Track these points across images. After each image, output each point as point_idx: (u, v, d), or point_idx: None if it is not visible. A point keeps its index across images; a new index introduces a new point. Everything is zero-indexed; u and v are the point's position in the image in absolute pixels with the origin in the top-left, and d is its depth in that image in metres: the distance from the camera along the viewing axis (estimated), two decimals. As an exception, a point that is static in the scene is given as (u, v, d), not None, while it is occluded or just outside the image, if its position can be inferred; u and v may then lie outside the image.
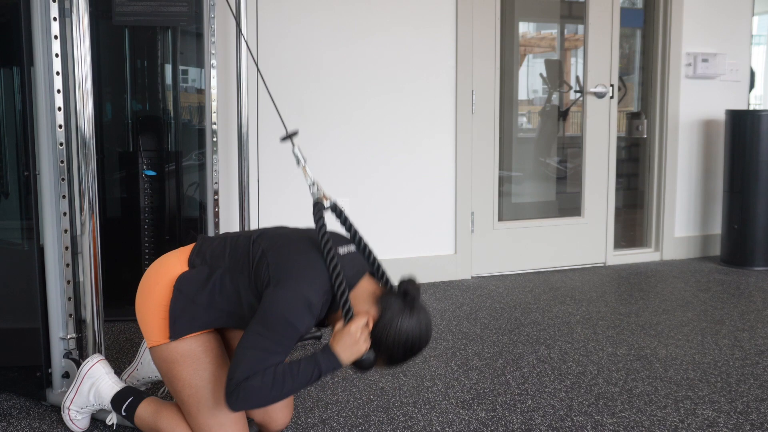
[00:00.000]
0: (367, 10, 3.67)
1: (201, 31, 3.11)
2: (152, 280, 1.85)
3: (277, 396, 1.65)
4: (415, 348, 1.72)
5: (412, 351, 1.71)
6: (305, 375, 1.66)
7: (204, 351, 1.81)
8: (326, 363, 1.67)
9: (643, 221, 4.59)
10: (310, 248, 1.76)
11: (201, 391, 1.78)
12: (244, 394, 1.63)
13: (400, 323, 1.68)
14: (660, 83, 4.40)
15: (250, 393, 1.63)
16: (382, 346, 1.69)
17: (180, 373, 1.79)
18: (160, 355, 1.81)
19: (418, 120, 3.82)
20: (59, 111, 2.12)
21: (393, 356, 1.71)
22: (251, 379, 1.63)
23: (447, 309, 3.38)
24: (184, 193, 3.30)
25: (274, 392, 1.64)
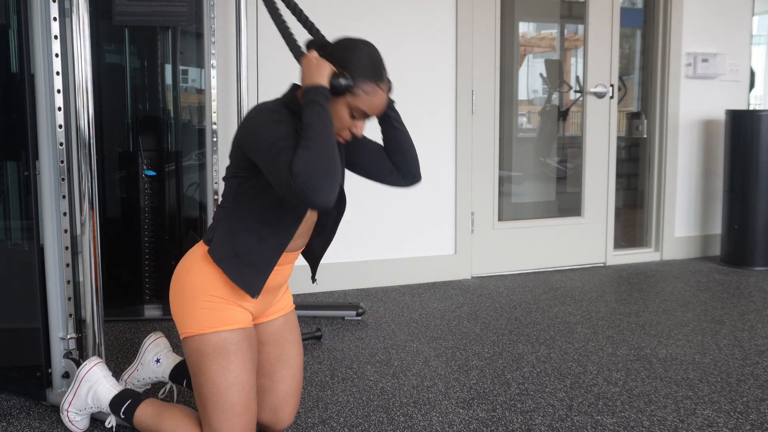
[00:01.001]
0: (367, 10, 3.67)
1: (201, 31, 3.11)
2: (183, 270, 1.86)
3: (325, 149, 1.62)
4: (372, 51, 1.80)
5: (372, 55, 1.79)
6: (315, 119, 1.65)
7: (235, 351, 1.81)
8: (313, 94, 1.69)
9: (643, 221, 4.59)
10: None
11: (221, 392, 1.79)
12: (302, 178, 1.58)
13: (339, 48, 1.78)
14: (660, 83, 4.40)
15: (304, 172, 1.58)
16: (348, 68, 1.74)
17: (207, 368, 1.79)
18: (193, 346, 1.81)
19: (418, 120, 3.82)
20: (59, 111, 2.12)
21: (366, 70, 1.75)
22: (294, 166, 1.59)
23: (447, 309, 3.38)
24: (184, 193, 3.30)
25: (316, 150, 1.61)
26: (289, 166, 1.60)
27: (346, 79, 1.73)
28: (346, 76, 1.73)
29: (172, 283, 1.89)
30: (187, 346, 1.83)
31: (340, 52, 1.77)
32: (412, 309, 3.37)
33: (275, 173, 1.63)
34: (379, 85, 1.78)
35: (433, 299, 3.55)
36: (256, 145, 1.69)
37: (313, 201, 1.61)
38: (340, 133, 1.81)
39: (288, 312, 2.06)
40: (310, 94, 1.69)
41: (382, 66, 1.81)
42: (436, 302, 3.49)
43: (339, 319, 3.20)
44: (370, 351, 2.78)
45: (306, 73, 1.74)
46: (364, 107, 1.77)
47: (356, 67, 1.74)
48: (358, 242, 3.75)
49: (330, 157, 1.63)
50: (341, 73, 1.73)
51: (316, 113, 1.66)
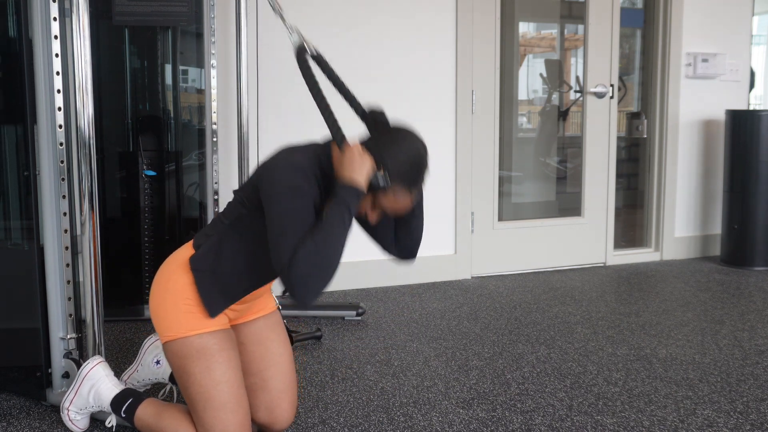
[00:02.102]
0: (367, 10, 3.67)
1: (201, 31, 3.11)
2: (165, 273, 1.86)
3: (330, 256, 1.61)
4: (417, 155, 1.71)
5: (416, 160, 1.71)
6: (337, 219, 1.63)
7: (218, 349, 1.81)
8: (346, 194, 1.65)
9: (643, 221, 4.59)
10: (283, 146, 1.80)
11: (209, 391, 1.78)
12: (299, 273, 1.58)
13: (386, 142, 1.71)
14: (660, 83, 4.40)
15: (303, 268, 1.58)
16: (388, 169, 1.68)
17: (192, 369, 1.79)
18: (174, 350, 1.81)
19: (419, 120, 3.81)
20: (59, 111, 2.12)
21: (404, 174, 1.70)
22: (296, 258, 1.58)
23: (447, 309, 3.38)
24: (184, 193, 3.30)
25: (324, 253, 1.60)
26: (291, 253, 1.59)
27: (384, 180, 1.68)
28: (385, 177, 1.68)
29: (152, 288, 1.88)
30: (168, 351, 1.83)
31: (384, 146, 1.71)
32: (412, 309, 3.37)
33: (276, 248, 1.63)
34: (412, 191, 1.74)
35: (433, 299, 3.55)
36: (269, 204, 1.67)
37: (297, 297, 1.62)
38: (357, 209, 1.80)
39: (268, 313, 2.06)
40: (344, 193, 1.65)
41: (423, 171, 1.75)
42: (436, 302, 3.49)
43: (339, 319, 3.20)
44: (370, 351, 2.78)
45: (347, 166, 1.68)
46: (387, 206, 1.75)
47: (396, 169, 1.69)
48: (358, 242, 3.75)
49: (333, 264, 1.62)
50: (380, 175, 1.68)
51: (340, 217, 1.63)
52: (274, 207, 1.65)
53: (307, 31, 3.56)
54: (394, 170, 1.69)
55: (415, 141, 1.74)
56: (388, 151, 1.70)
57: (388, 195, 1.72)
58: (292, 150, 1.76)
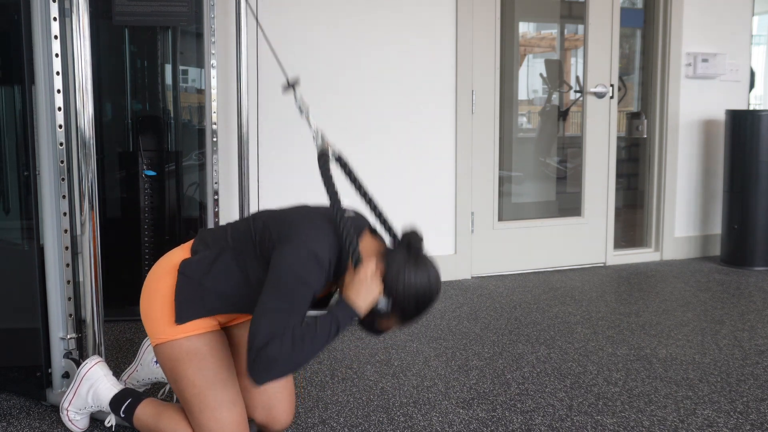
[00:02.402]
0: (367, 10, 3.67)
1: (201, 31, 3.11)
2: (156, 274, 1.86)
3: (300, 359, 1.61)
4: (426, 300, 1.70)
5: (423, 303, 1.69)
6: (324, 331, 1.62)
7: (209, 350, 1.81)
8: (343, 313, 1.64)
9: (643, 221, 4.59)
10: (312, 212, 1.77)
11: (204, 391, 1.78)
12: (265, 362, 1.58)
13: (406, 275, 1.66)
14: (660, 83, 4.40)
15: (271, 360, 1.58)
16: (393, 302, 1.67)
17: (184, 371, 1.79)
18: (165, 353, 1.81)
19: (418, 120, 3.82)
20: (59, 111, 2.12)
21: (405, 311, 1.69)
22: (270, 346, 1.58)
23: (447, 309, 3.38)
24: (184, 193, 3.30)
25: (296, 355, 1.59)
26: (269, 338, 1.58)
27: (386, 308, 1.68)
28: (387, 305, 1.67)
29: (143, 290, 1.87)
30: (160, 353, 1.82)
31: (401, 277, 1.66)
32: (412, 309, 3.37)
33: (258, 319, 1.61)
34: (403, 325, 1.75)
35: (433, 299, 3.55)
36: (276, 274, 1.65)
37: (254, 375, 1.61)
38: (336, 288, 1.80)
39: None
40: (341, 312, 1.64)
41: (424, 313, 1.74)
42: (436, 302, 3.49)
43: (339, 319, 3.20)
44: (370, 351, 2.78)
45: (354, 288, 1.66)
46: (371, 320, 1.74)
47: (400, 304, 1.68)
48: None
49: (300, 364, 1.62)
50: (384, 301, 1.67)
51: (327, 330, 1.62)
52: (276, 283, 1.64)
53: (307, 30, 3.57)
54: (400, 305, 1.68)
55: (433, 283, 1.71)
56: (403, 283, 1.67)
57: (382, 318, 1.72)
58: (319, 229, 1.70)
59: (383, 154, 3.76)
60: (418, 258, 1.70)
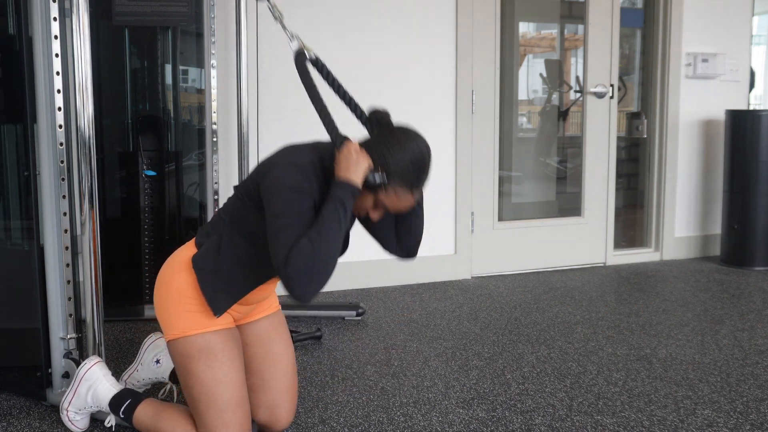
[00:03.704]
0: (367, 10, 3.67)
1: (201, 31, 3.11)
2: (168, 272, 1.86)
3: (326, 254, 1.61)
4: (419, 155, 1.71)
5: (418, 160, 1.71)
6: (333, 217, 1.63)
7: (222, 349, 1.81)
8: (341, 191, 1.66)
9: (643, 221, 4.59)
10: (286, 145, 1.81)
11: (212, 390, 1.78)
12: (297, 274, 1.59)
13: (387, 142, 1.71)
14: (660, 83, 4.40)
15: (301, 269, 1.59)
16: (388, 168, 1.69)
17: (194, 368, 1.79)
18: (178, 349, 1.81)
19: (418, 120, 3.81)
20: (59, 111, 2.12)
21: (404, 174, 1.70)
22: (292, 258, 1.59)
23: (447, 309, 3.38)
24: (184, 193, 3.30)
25: (320, 252, 1.60)
26: (288, 250, 1.59)
27: (382, 178, 1.68)
28: (382, 175, 1.68)
29: (156, 286, 1.88)
30: (172, 349, 1.83)
31: (386, 146, 1.71)
32: (412, 309, 3.37)
33: (273, 245, 1.63)
34: (413, 191, 1.74)
35: (433, 299, 3.55)
36: (270, 200, 1.68)
37: (295, 293, 1.62)
38: (357, 211, 1.80)
39: (272, 312, 2.06)
40: (338, 190, 1.66)
41: (425, 171, 1.74)
42: (436, 302, 3.49)
43: (339, 319, 3.20)
44: (370, 351, 2.78)
45: (343, 165, 1.69)
46: (389, 205, 1.75)
47: (396, 168, 1.70)
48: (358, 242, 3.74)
49: (329, 261, 1.63)
50: (378, 172, 1.68)
51: (335, 214, 1.64)
52: (274, 204, 1.66)
53: (307, 31, 3.57)
54: (396, 169, 1.70)
55: (418, 141, 1.74)
56: (389, 149, 1.71)
57: (389, 194, 1.72)
58: (294, 149, 1.77)
59: (383, 154, 3.76)
60: (391, 127, 1.75)
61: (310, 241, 1.61)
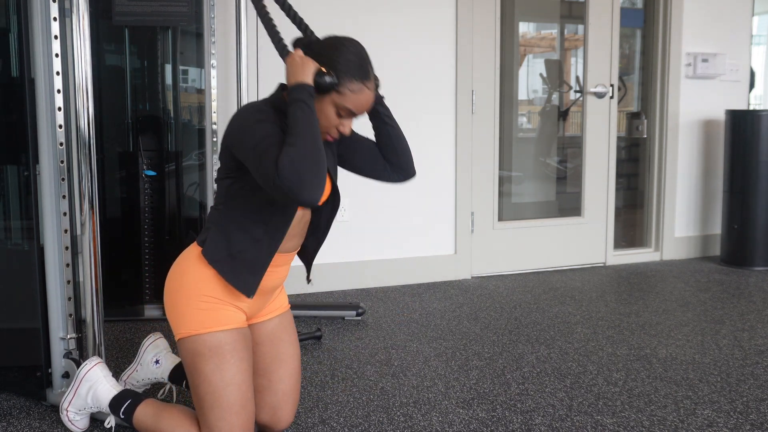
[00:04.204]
0: (367, 10, 3.67)
1: (201, 31, 3.11)
2: (179, 271, 1.87)
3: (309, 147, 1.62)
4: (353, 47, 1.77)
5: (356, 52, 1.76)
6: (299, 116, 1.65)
7: (231, 349, 1.81)
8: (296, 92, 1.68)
9: (643, 221, 4.59)
10: None
11: (218, 391, 1.78)
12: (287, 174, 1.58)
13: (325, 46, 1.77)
14: (660, 83, 4.40)
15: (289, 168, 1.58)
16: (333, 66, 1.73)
17: (203, 368, 1.79)
18: (188, 347, 1.81)
19: (418, 120, 3.82)
20: (59, 111, 2.12)
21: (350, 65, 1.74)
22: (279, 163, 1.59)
23: (447, 309, 3.38)
24: (184, 193, 3.30)
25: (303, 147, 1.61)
26: (275, 163, 1.60)
27: (331, 77, 1.72)
28: (331, 74, 1.72)
29: (166, 285, 1.89)
30: (182, 347, 1.83)
31: (325, 50, 1.76)
32: (412, 309, 3.37)
33: (261, 171, 1.63)
34: (365, 83, 1.77)
35: (433, 299, 3.55)
36: (242, 144, 1.70)
37: (300, 197, 1.61)
38: (327, 131, 1.81)
39: (283, 312, 2.06)
40: (294, 93, 1.69)
41: (369, 64, 1.79)
42: (436, 302, 3.49)
43: (339, 319, 3.20)
44: (370, 351, 2.78)
45: (291, 71, 1.73)
46: (351, 106, 1.77)
47: (342, 65, 1.74)
48: (358, 242, 3.75)
49: (315, 153, 1.63)
50: (326, 72, 1.72)
51: (300, 110, 1.67)
52: (246, 143, 1.69)
53: (307, 31, 3.57)
54: (339, 66, 1.74)
55: (348, 40, 1.79)
56: (328, 51, 1.76)
57: (344, 93, 1.75)
58: (246, 104, 1.82)
59: (383, 154, 3.76)
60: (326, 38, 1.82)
61: (291, 144, 1.62)
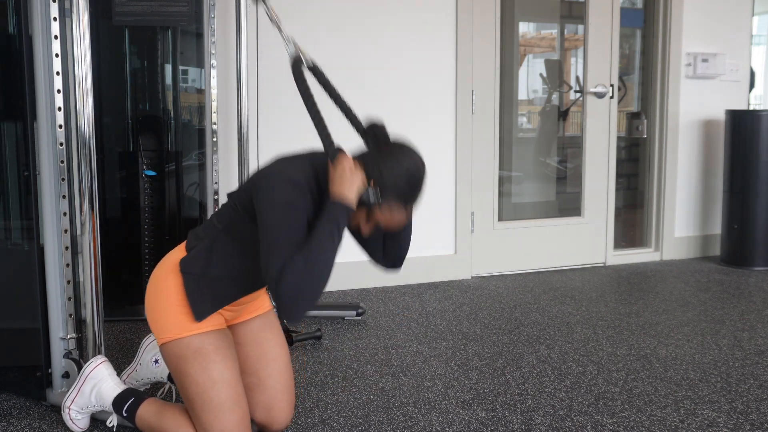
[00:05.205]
0: (367, 9, 3.67)
1: (201, 31, 3.11)
2: (159, 274, 1.86)
3: (318, 273, 1.60)
4: (414, 170, 1.70)
5: (413, 176, 1.69)
6: (326, 235, 1.61)
7: (215, 349, 1.81)
8: (336, 210, 1.64)
9: (643, 221, 4.59)
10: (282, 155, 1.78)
11: (207, 390, 1.78)
12: (289, 293, 1.58)
13: (383, 156, 1.69)
14: (660, 83, 4.40)
15: (293, 287, 1.58)
16: (383, 185, 1.67)
17: (189, 370, 1.79)
18: (171, 351, 1.81)
19: (418, 119, 3.82)
20: (59, 111, 2.12)
21: (398, 190, 1.69)
22: (285, 276, 1.58)
23: (447, 309, 3.38)
24: (184, 193, 3.30)
25: (312, 271, 1.59)
26: (280, 268, 1.58)
27: (375, 196, 1.67)
28: (376, 192, 1.67)
29: (147, 290, 1.88)
30: (165, 352, 1.83)
31: (381, 161, 1.69)
32: (412, 309, 3.37)
33: (265, 259, 1.62)
34: (406, 206, 1.74)
35: (433, 299, 3.55)
36: (262, 216, 1.66)
37: (285, 311, 1.61)
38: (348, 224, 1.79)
39: (264, 312, 2.06)
40: (332, 210, 1.64)
41: (419, 187, 1.73)
42: (436, 302, 3.49)
43: (339, 319, 3.20)
44: (370, 351, 2.78)
45: (337, 180, 1.67)
46: (382, 221, 1.74)
47: (390, 184, 1.68)
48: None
49: (321, 280, 1.61)
50: (372, 190, 1.67)
51: (329, 233, 1.62)
52: (267, 219, 1.65)
53: (307, 29, 3.57)
54: (390, 185, 1.68)
55: (413, 156, 1.72)
56: (384, 165, 1.69)
57: (383, 210, 1.71)
58: (288, 160, 1.74)
59: (383, 154, 3.76)
60: (387, 141, 1.72)
61: (304, 261, 1.59)
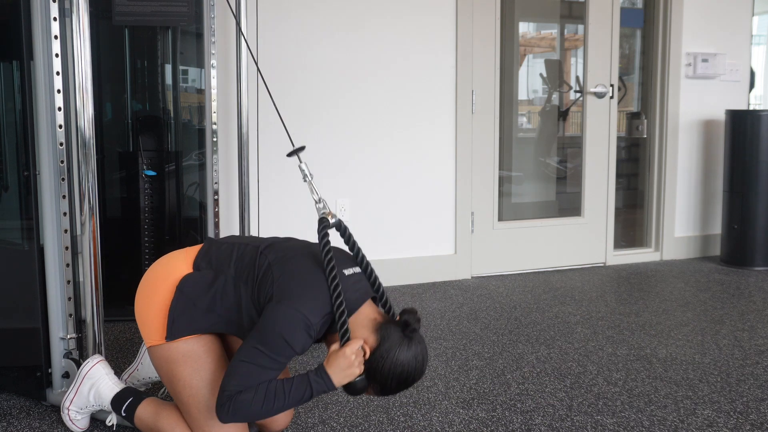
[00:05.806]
0: (367, 9, 3.67)
1: (201, 31, 3.11)
2: (156, 279, 1.85)
3: (267, 412, 1.66)
4: (409, 380, 1.72)
5: (405, 383, 1.71)
6: (297, 394, 1.66)
7: (205, 351, 1.81)
8: (318, 384, 1.67)
9: (643, 221, 4.59)
10: (316, 267, 1.75)
11: (201, 392, 1.78)
12: (234, 407, 1.64)
13: (397, 355, 1.68)
14: (660, 83, 4.40)
15: (240, 407, 1.64)
16: (377, 375, 1.69)
17: (180, 373, 1.79)
18: (160, 355, 1.81)
19: (419, 120, 3.82)
20: (59, 111, 2.12)
21: (385, 386, 1.71)
22: (243, 394, 1.64)
23: (447, 309, 3.38)
24: (184, 193, 3.30)
25: (264, 408, 1.65)
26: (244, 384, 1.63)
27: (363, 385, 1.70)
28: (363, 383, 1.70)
29: (138, 292, 1.87)
30: (154, 355, 1.83)
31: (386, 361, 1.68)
32: (412, 309, 3.37)
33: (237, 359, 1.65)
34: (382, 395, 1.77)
35: (433, 299, 3.55)
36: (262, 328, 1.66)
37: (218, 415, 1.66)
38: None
39: None
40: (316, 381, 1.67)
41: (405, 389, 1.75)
42: (436, 302, 3.49)
43: (339, 319, 3.20)
44: (370, 351, 2.78)
45: (334, 364, 1.67)
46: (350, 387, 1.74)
47: (381, 383, 1.70)
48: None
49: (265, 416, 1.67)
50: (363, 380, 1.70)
51: (300, 395, 1.66)
52: (262, 335, 1.65)
53: (307, 30, 3.58)
54: (378, 383, 1.70)
55: (419, 358, 1.71)
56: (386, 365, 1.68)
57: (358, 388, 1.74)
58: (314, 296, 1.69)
59: (383, 153, 3.76)
60: (411, 340, 1.71)
61: (265, 397, 1.64)
